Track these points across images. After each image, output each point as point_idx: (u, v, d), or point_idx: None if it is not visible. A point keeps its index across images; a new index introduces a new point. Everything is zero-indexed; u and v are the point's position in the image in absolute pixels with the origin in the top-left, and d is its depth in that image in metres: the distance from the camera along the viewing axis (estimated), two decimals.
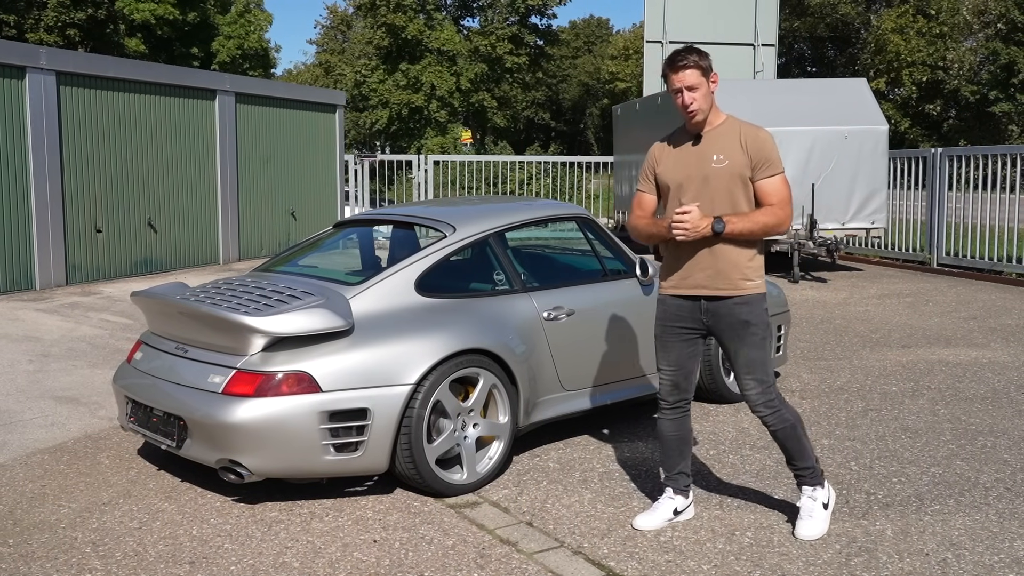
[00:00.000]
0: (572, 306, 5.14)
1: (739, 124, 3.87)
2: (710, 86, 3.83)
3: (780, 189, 3.80)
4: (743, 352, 3.85)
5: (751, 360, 3.85)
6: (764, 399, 3.87)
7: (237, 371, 4.23)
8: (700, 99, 3.81)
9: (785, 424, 3.88)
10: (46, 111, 10.68)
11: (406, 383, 4.31)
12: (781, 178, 3.82)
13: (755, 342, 3.84)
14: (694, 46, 3.91)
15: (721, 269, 3.82)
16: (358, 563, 3.73)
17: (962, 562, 3.69)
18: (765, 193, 3.80)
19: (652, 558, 3.77)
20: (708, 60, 3.84)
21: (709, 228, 3.73)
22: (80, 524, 4.12)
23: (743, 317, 3.83)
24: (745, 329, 3.83)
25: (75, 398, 6.23)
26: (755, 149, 3.79)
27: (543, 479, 4.71)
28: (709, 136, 3.87)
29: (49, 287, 10.75)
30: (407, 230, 5.55)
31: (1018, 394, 6.35)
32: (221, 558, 3.77)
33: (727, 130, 3.87)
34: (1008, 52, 35.44)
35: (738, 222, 3.75)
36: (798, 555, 3.77)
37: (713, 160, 3.82)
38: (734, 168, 3.80)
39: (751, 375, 3.86)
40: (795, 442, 3.91)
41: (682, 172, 3.89)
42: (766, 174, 3.80)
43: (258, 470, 4.18)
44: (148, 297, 4.80)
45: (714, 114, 3.89)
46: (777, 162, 3.82)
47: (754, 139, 3.81)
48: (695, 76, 3.79)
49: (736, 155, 3.80)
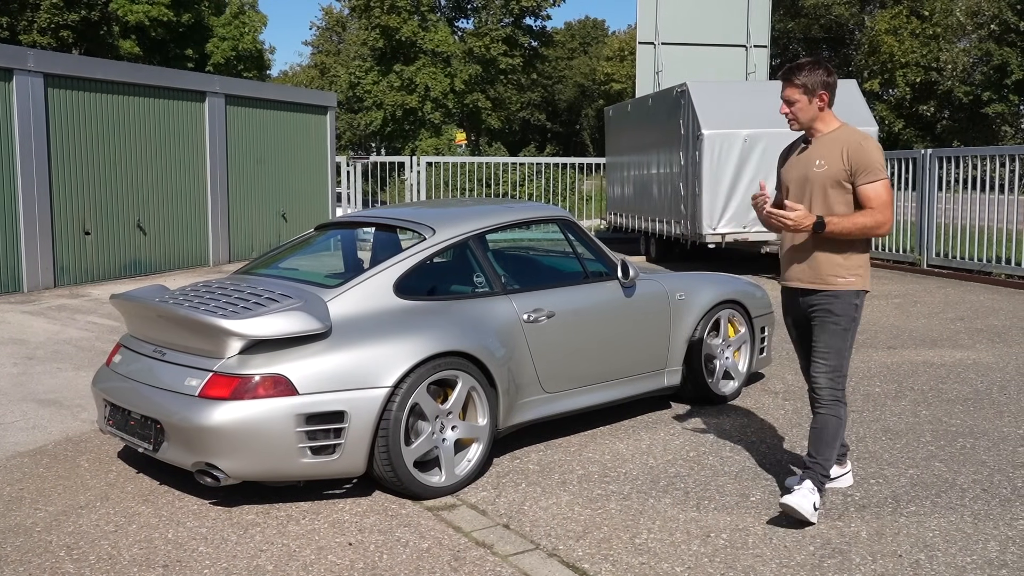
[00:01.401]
0: (552, 308, 5.14)
1: (847, 134, 4.18)
2: (813, 101, 4.17)
3: (880, 194, 4.07)
4: (823, 339, 4.19)
5: (828, 346, 4.18)
6: (830, 385, 4.17)
7: (214, 374, 4.23)
8: (797, 112, 4.21)
9: (833, 416, 4.16)
10: (33, 113, 10.66)
11: (383, 386, 4.30)
12: (882, 184, 4.09)
13: (835, 332, 4.17)
14: (813, 60, 4.23)
15: (815, 265, 4.19)
16: (332, 566, 3.73)
17: (934, 563, 3.70)
18: (865, 197, 4.09)
19: (626, 560, 3.77)
20: (816, 78, 4.16)
21: (810, 226, 4.08)
22: (56, 527, 4.11)
23: (830, 308, 4.17)
24: (828, 318, 4.17)
25: (58, 401, 6.22)
26: (855, 157, 4.08)
27: (522, 481, 4.71)
28: (818, 142, 4.24)
29: (37, 289, 10.74)
30: (390, 233, 5.55)
31: (1000, 395, 6.36)
32: (195, 561, 3.77)
33: (834, 138, 4.19)
34: (1001, 53, 35.48)
35: (838, 223, 4.07)
36: (772, 557, 3.78)
37: (815, 164, 4.18)
38: (831, 173, 4.13)
39: (825, 361, 4.18)
40: (829, 437, 4.17)
41: (792, 172, 4.32)
42: (866, 180, 4.08)
43: (234, 473, 4.17)
44: (127, 300, 4.80)
45: (824, 123, 4.23)
46: (878, 169, 4.09)
47: (856, 148, 4.10)
48: (794, 93, 4.18)
49: (835, 162, 4.12)
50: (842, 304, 4.15)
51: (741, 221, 13.09)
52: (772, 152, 12.96)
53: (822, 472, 4.15)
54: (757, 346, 6.42)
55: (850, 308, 4.16)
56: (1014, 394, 6.38)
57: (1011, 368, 7.18)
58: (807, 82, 4.15)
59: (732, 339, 6.23)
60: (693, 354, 5.88)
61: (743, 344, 6.31)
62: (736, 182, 12.99)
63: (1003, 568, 3.65)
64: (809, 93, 4.16)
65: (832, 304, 4.16)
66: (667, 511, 4.28)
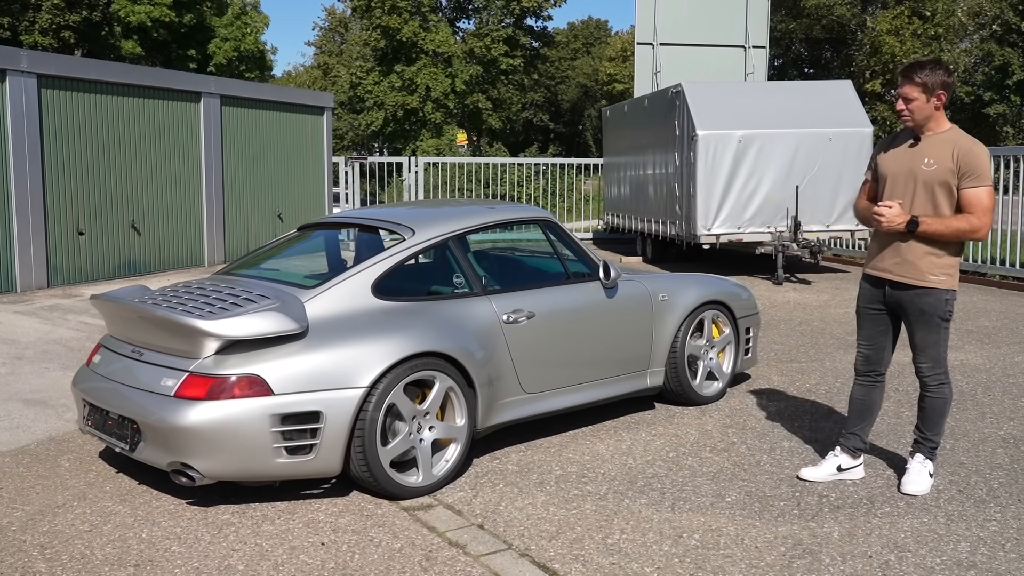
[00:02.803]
0: (533, 309, 5.15)
1: (958, 136, 4.26)
2: (931, 100, 4.23)
3: (982, 200, 4.16)
4: (919, 334, 4.38)
5: (925, 341, 4.38)
6: (933, 373, 4.41)
7: (189, 374, 4.24)
8: (914, 109, 4.26)
9: (940, 397, 4.42)
10: (27, 113, 10.69)
11: (359, 386, 4.32)
12: (985, 190, 4.18)
13: (931, 328, 4.34)
14: (934, 60, 4.29)
15: (908, 260, 4.30)
16: (303, 565, 3.74)
17: (904, 564, 3.70)
18: (967, 202, 4.18)
19: (597, 560, 3.78)
20: (937, 77, 4.21)
21: (904, 224, 4.20)
22: (31, 527, 4.13)
23: (921, 306, 4.32)
24: (921, 316, 4.34)
25: (43, 401, 6.24)
26: (964, 161, 4.16)
27: (500, 481, 4.72)
28: (928, 141, 4.30)
29: (30, 289, 10.77)
30: (373, 233, 5.55)
31: (984, 396, 6.36)
32: (167, 560, 3.78)
33: (945, 139, 4.26)
34: (1003, 54, 35.42)
35: (932, 223, 4.19)
36: (742, 557, 3.79)
37: (924, 162, 4.26)
38: (940, 174, 4.20)
39: (924, 353, 4.40)
40: (937, 416, 4.45)
41: (895, 166, 4.37)
42: (970, 184, 4.17)
43: (209, 473, 4.19)
44: (106, 301, 4.81)
45: (936, 123, 4.30)
46: (984, 176, 4.17)
47: (966, 152, 4.18)
48: (913, 90, 4.23)
49: (945, 162, 4.20)
50: (934, 303, 4.30)
51: (736, 222, 13.08)
52: (767, 153, 13.01)
53: (932, 446, 4.48)
54: (742, 347, 6.42)
55: (941, 304, 4.30)
56: (998, 395, 6.38)
57: (997, 370, 7.18)
58: (928, 80, 4.20)
59: (716, 340, 6.23)
60: (676, 355, 5.89)
61: (727, 345, 6.31)
62: (731, 183, 12.98)
63: (971, 569, 3.66)
64: (928, 92, 4.21)
65: (924, 302, 4.30)
66: (642, 511, 4.29)
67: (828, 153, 13.04)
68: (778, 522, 4.14)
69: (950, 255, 4.30)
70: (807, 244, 12.59)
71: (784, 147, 12.96)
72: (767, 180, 13.00)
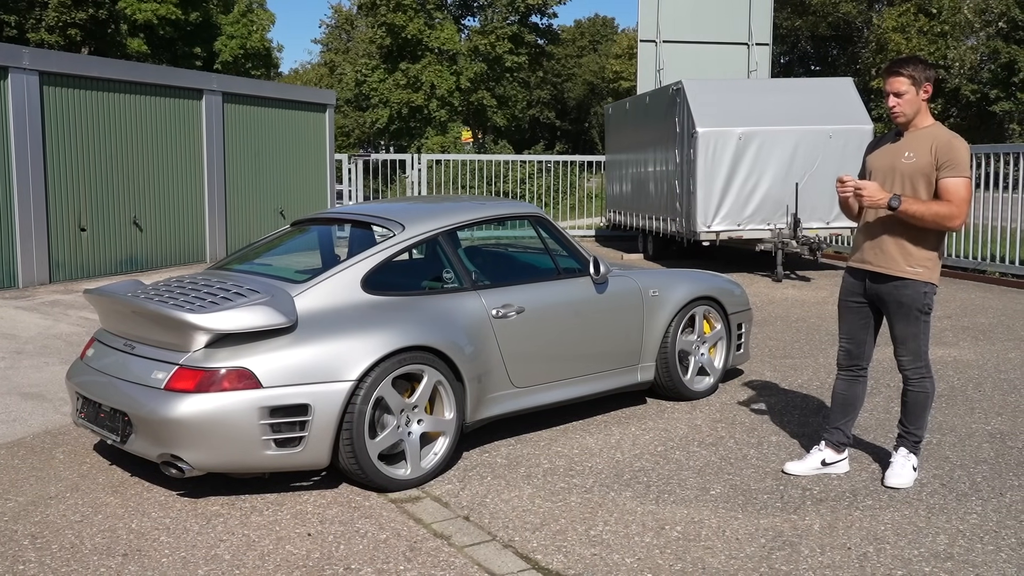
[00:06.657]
0: (522, 304, 5.20)
1: (938, 131, 4.35)
2: (919, 92, 4.33)
3: (959, 189, 4.25)
4: (899, 327, 4.45)
5: (905, 334, 4.45)
6: (914, 367, 4.49)
7: (179, 367, 4.30)
8: (904, 104, 4.34)
9: (921, 391, 4.51)
10: (29, 110, 10.77)
11: (347, 379, 4.37)
12: (963, 181, 4.25)
13: (910, 320, 4.41)
14: (915, 56, 4.42)
15: (887, 251, 4.39)
16: (288, 556, 3.79)
17: (881, 556, 3.74)
18: (945, 190, 4.26)
19: (579, 551, 3.82)
20: (924, 72, 4.33)
21: (886, 200, 4.26)
22: (23, 517, 4.19)
23: (900, 298, 4.39)
24: (900, 308, 4.41)
25: (41, 394, 6.31)
26: (943, 152, 4.26)
27: (488, 474, 4.76)
28: (910, 136, 4.41)
29: (32, 285, 10.85)
30: (364, 229, 5.61)
31: (975, 392, 6.38)
32: (155, 550, 3.84)
33: (926, 134, 4.36)
34: (1009, 51, 35.31)
35: (913, 203, 4.25)
36: (722, 549, 3.83)
37: (904, 156, 4.36)
38: (919, 166, 4.31)
39: (904, 346, 4.47)
40: (920, 410, 4.53)
41: (878, 162, 4.50)
42: (948, 174, 4.26)
43: (199, 465, 4.24)
44: (99, 295, 4.87)
45: (920, 118, 4.39)
46: (962, 167, 4.25)
47: (945, 144, 4.28)
48: (903, 84, 4.31)
49: (924, 156, 4.30)
50: (913, 294, 4.36)
51: (736, 219, 13.10)
52: (767, 150, 13.02)
53: (915, 440, 4.55)
54: (734, 343, 6.46)
55: (919, 296, 4.35)
56: (989, 391, 6.41)
57: (990, 366, 7.20)
58: (915, 74, 4.31)
59: (708, 336, 6.27)
60: (667, 350, 5.93)
61: (719, 340, 6.35)
62: (731, 180, 13.00)
63: (948, 561, 3.70)
64: (916, 84, 4.31)
65: (902, 294, 4.37)
66: (626, 504, 4.33)
67: (828, 150, 13.05)
68: (760, 515, 4.18)
69: (929, 248, 4.36)
70: (807, 241, 12.60)
71: (784, 144, 12.98)
72: (767, 177, 13.02)
